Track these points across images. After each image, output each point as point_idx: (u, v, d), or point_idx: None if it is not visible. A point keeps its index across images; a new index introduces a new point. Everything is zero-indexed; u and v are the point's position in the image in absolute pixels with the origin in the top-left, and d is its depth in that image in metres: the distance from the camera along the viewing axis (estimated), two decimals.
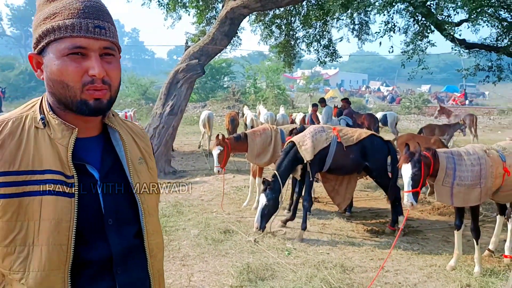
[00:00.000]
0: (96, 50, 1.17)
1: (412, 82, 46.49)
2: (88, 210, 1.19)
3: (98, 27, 1.17)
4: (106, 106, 1.21)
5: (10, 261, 1.12)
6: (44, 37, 1.17)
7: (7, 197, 1.10)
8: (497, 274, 4.52)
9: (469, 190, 4.31)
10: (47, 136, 1.18)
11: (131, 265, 1.27)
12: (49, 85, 1.20)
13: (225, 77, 34.88)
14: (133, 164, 1.31)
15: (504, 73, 11.55)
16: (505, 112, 27.55)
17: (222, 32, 11.22)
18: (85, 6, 1.17)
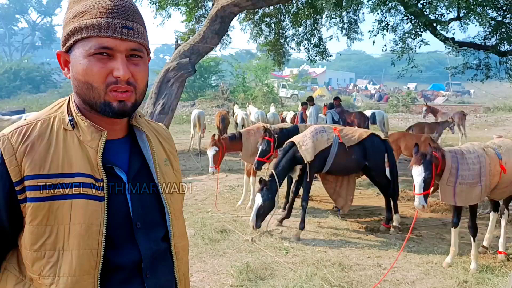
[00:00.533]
0: (122, 51, 1.14)
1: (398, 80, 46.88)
2: (117, 213, 1.17)
3: (126, 28, 1.13)
4: (130, 109, 1.18)
5: (39, 266, 1.10)
6: (72, 35, 1.14)
7: (37, 201, 1.08)
8: (492, 270, 4.58)
9: (470, 189, 4.34)
10: (76, 138, 1.16)
11: (159, 268, 1.25)
12: (75, 85, 1.17)
13: (213, 76, 34.78)
14: (159, 166, 1.29)
15: (492, 71, 11.72)
16: (491, 110, 27.92)
17: (212, 31, 11.18)
18: (114, 5, 1.13)
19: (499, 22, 9.76)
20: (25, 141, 1.11)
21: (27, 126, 1.14)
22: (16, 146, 1.10)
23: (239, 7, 11.21)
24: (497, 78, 12.12)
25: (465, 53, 11.09)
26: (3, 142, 1.10)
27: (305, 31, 14.21)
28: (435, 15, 8.16)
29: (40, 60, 48.59)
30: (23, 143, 1.10)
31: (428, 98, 41.12)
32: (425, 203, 4.37)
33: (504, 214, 5.24)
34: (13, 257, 1.17)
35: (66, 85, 36.36)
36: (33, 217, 1.08)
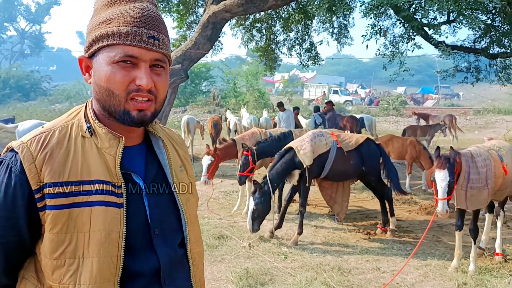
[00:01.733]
0: (147, 60, 1.14)
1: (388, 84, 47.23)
2: (135, 220, 1.16)
3: (152, 38, 1.14)
4: (149, 119, 1.18)
5: (59, 274, 1.09)
6: (97, 41, 1.14)
7: (57, 209, 1.07)
8: (491, 271, 4.61)
9: (480, 192, 4.34)
10: (94, 146, 1.16)
11: (177, 275, 1.25)
12: (96, 91, 1.17)
13: (204, 82, 34.75)
14: (175, 172, 1.30)
15: (482, 74, 11.88)
16: (480, 112, 28.22)
17: (204, 37, 11.18)
18: (142, 15, 1.14)
19: (489, 26, 9.88)
20: (44, 149, 1.10)
21: (46, 134, 1.14)
22: (35, 154, 1.09)
23: (231, 13, 11.23)
24: (487, 80, 12.28)
25: (455, 57, 11.21)
26: (22, 150, 1.10)
27: (296, 36, 14.28)
28: (427, 19, 8.24)
29: (29, 68, 48.23)
30: (42, 151, 1.10)
31: (418, 101, 41.49)
32: (448, 208, 4.27)
33: (500, 215, 5.28)
34: (31, 265, 1.16)
35: (56, 93, 36.08)
36: (53, 225, 1.08)
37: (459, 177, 4.32)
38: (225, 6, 10.99)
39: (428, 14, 7.37)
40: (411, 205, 7.74)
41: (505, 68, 11.45)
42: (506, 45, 10.35)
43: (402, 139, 9.14)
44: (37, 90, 40.53)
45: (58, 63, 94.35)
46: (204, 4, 13.37)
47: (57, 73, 67.83)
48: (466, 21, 6.50)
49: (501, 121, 23.62)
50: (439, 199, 4.27)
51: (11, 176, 1.08)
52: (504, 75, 11.54)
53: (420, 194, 8.50)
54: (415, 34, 8.44)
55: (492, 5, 6.94)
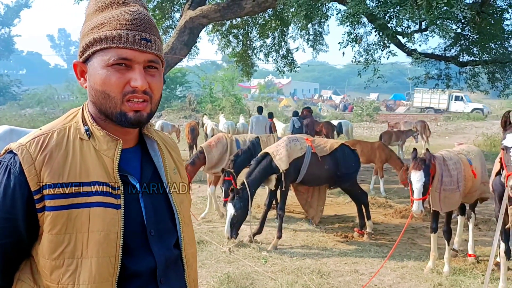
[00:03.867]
0: (140, 62, 1.17)
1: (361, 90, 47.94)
2: (132, 221, 1.19)
3: (145, 40, 1.17)
4: (145, 119, 1.20)
5: (58, 274, 1.10)
6: (91, 46, 1.16)
7: (56, 210, 1.09)
8: (464, 272, 4.76)
9: (452, 194, 4.49)
10: (92, 148, 1.18)
11: (172, 275, 1.28)
12: (91, 94, 1.19)
13: (180, 87, 34.59)
14: (170, 175, 1.33)
15: (452, 81, 12.24)
16: (450, 118, 28.99)
17: (181, 42, 11.18)
18: (134, 18, 1.17)
19: (459, 35, 10.22)
20: (43, 151, 1.12)
21: (44, 136, 1.15)
22: (34, 156, 1.11)
23: (208, 18, 11.27)
24: (457, 87, 12.67)
25: (427, 64, 11.51)
26: (21, 151, 1.11)
27: (273, 43, 14.43)
28: (401, 27, 8.47)
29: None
30: (42, 153, 1.11)
31: (391, 107, 42.26)
32: (423, 208, 4.38)
33: (471, 217, 5.46)
34: (27, 267, 1.17)
35: (26, 97, 35.28)
36: (52, 225, 1.09)
37: (433, 179, 4.46)
38: (202, 11, 11.03)
39: (402, 22, 7.59)
40: (386, 208, 7.89)
41: (474, 76, 11.83)
42: (475, 53, 10.72)
43: (370, 143, 9.33)
44: (6, 94, 39.60)
45: (28, 67, 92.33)
46: (181, 9, 13.38)
47: (27, 77, 66.39)
48: (438, 30, 6.72)
49: (470, 127, 24.34)
50: (414, 199, 4.38)
51: (10, 178, 1.09)
52: (473, 82, 11.92)
53: (395, 198, 8.68)
54: (390, 42, 8.66)
55: (462, 15, 7.18)
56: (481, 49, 10.39)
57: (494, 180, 4.28)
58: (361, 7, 6.72)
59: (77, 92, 32.77)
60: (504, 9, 10.10)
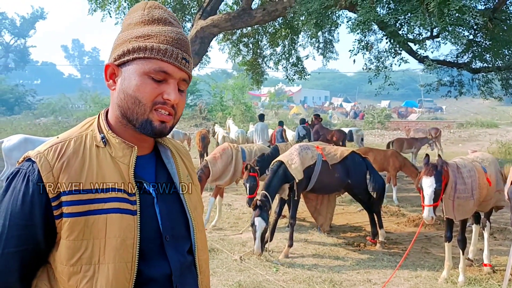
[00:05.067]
0: (176, 78, 1.22)
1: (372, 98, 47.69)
2: (148, 227, 1.20)
3: (184, 59, 1.23)
4: (168, 131, 1.25)
5: (76, 280, 1.11)
6: (133, 52, 1.20)
7: (74, 216, 1.11)
8: (480, 282, 4.68)
9: (466, 202, 4.43)
10: (108, 155, 1.20)
11: (186, 281, 1.29)
12: (120, 98, 1.22)
13: (191, 95, 34.79)
14: (183, 181, 1.35)
15: (465, 88, 12.11)
16: (463, 126, 28.70)
17: (192, 51, 11.02)
18: (178, 38, 1.23)
19: (471, 41, 10.13)
20: (61, 158, 1.14)
21: (62, 144, 1.18)
22: (52, 163, 1.13)
23: (219, 28, 11.33)
24: (470, 94, 12.53)
25: (439, 71, 11.42)
26: (40, 159, 1.13)
27: (283, 51, 14.46)
28: (412, 34, 8.43)
29: (13, 81, 47.88)
30: (60, 160, 1.14)
31: (402, 115, 42.02)
32: (434, 215, 4.34)
33: (486, 226, 5.37)
34: (44, 274, 1.18)
35: (40, 107, 35.74)
36: (70, 232, 1.10)
37: (446, 186, 4.40)
38: (213, 21, 11.10)
39: (413, 29, 7.55)
40: (399, 217, 7.81)
41: (487, 82, 11.70)
42: (488, 60, 10.61)
43: (383, 151, 9.24)
44: (22, 104, 40.21)
45: (43, 77, 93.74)
46: (192, 19, 13.48)
47: (42, 87, 67.34)
48: (450, 37, 6.67)
49: (484, 134, 24.06)
50: (425, 206, 4.34)
51: (29, 185, 1.11)
52: (486, 89, 11.79)
53: (407, 206, 8.59)
54: (401, 49, 8.61)
55: (474, 22, 7.13)
56: (494, 55, 10.28)
57: (509, 188, 4.21)
58: (372, 15, 6.70)
59: (90, 101, 33.08)
60: None
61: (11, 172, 1.15)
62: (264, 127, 11.62)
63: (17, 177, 1.13)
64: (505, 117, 33.14)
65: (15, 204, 1.10)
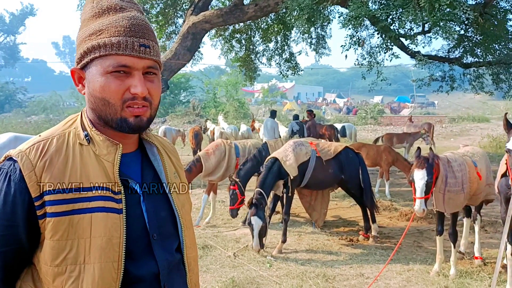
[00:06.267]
0: (140, 69, 1.17)
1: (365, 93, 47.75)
2: (134, 225, 1.18)
3: (143, 46, 1.16)
4: (145, 124, 1.21)
5: (61, 281, 1.09)
6: (89, 53, 1.16)
7: (57, 216, 1.08)
8: (471, 275, 4.72)
9: (456, 196, 4.46)
10: (92, 153, 1.17)
11: (175, 279, 1.27)
12: (90, 101, 1.19)
13: (184, 92, 34.69)
14: (170, 178, 1.33)
15: (456, 83, 12.18)
16: (455, 120, 28.88)
17: (184, 47, 11.20)
18: (131, 24, 1.17)
19: (462, 36, 10.18)
20: (43, 157, 1.12)
21: (44, 142, 1.15)
22: (34, 162, 1.10)
23: (211, 23, 11.30)
24: (462, 89, 12.60)
25: (430, 66, 11.47)
26: (21, 158, 1.10)
27: (276, 47, 14.45)
28: (404, 29, 8.45)
29: (3, 79, 47.45)
30: (42, 159, 1.11)
31: (395, 110, 42.18)
32: (426, 207, 4.36)
33: (477, 219, 5.42)
34: (28, 275, 1.16)
35: (31, 105, 35.54)
36: (53, 232, 1.08)
37: (437, 180, 4.43)
38: (204, 17, 11.06)
39: (404, 25, 7.57)
40: (391, 211, 7.85)
41: (478, 77, 11.77)
42: (479, 54, 10.68)
43: (375, 147, 9.27)
44: (12, 102, 39.87)
45: (33, 75, 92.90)
46: (184, 15, 13.43)
47: (32, 85, 66.81)
48: (441, 32, 6.70)
49: (475, 129, 24.23)
50: (417, 198, 4.36)
51: (10, 184, 1.09)
52: (477, 83, 11.86)
53: (400, 200, 8.63)
54: (392, 45, 8.64)
55: (465, 17, 7.16)
56: (485, 50, 10.35)
57: (499, 182, 4.24)
58: (364, 10, 6.71)
59: (82, 99, 32.88)
60: (507, 10, 10.06)
61: None
62: (274, 125, 11.38)
63: None
64: (496, 112, 33.34)
65: None
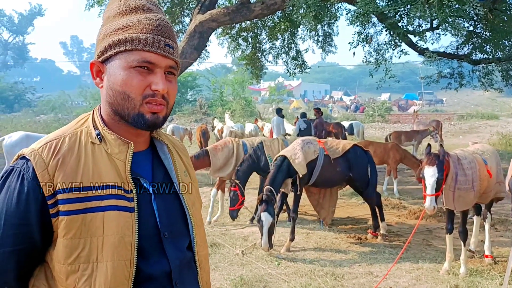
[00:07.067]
0: (162, 67, 1.19)
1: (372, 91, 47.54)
2: (146, 223, 1.19)
3: (168, 46, 1.19)
4: (161, 121, 1.22)
5: (74, 279, 1.10)
6: (114, 46, 1.17)
7: (70, 214, 1.09)
8: (481, 273, 4.68)
9: (466, 194, 4.42)
10: (104, 151, 1.18)
11: (186, 278, 1.27)
12: (109, 95, 1.19)
13: (190, 91, 34.75)
14: (181, 177, 1.32)
15: (465, 80, 12.08)
16: (464, 118, 28.68)
17: (191, 46, 11.21)
18: (158, 24, 1.19)
19: (471, 32, 10.09)
20: (56, 155, 1.12)
21: (56, 141, 1.15)
22: (47, 161, 1.11)
23: (217, 22, 11.29)
24: (470, 86, 12.49)
25: (439, 63, 11.38)
26: (34, 157, 1.11)
27: (282, 45, 14.40)
28: (412, 25, 8.38)
29: (12, 79, 47.80)
30: (55, 157, 1.12)
31: (403, 108, 41.97)
32: (436, 204, 4.34)
33: (487, 218, 5.36)
34: (41, 273, 1.17)
35: (40, 104, 35.74)
36: (67, 230, 1.09)
37: (447, 177, 4.40)
38: (211, 15, 11.06)
39: (413, 21, 7.52)
40: (400, 210, 7.81)
41: (487, 74, 11.66)
42: (488, 51, 10.57)
43: (383, 144, 9.22)
44: (21, 101, 40.18)
45: (42, 74, 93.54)
46: (190, 14, 13.43)
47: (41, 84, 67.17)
48: (450, 28, 6.65)
49: (484, 126, 24.04)
50: (427, 195, 4.33)
51: (24, 183, 1.09)
52: (486, 80, 11.76)
53: (408, 198, 8.59)
54: (401, 41, 8.58)
55: (474, 13, 7.09)
56: (494, 46, 10.23)
57: (510, 179, 4.20)
58: (371, 6, 6.66)
59: (90, 98, 33.10)
60: None
61: (5, 171, 1.13)
62: (280, 122, 11.59)
63: (11, 176, 1.11)
64: (506, 109, 33.09)
65: (10, 203, 1.08)
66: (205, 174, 10.87)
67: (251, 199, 6.72)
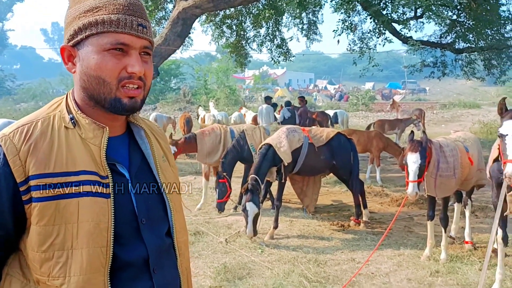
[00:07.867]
0: (137, 48, 1.15)
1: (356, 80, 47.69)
2: (123, 210, 1.16)
3: (141, 26, 1.15)
4: (139, 105, 1.19)
5: (48, 267, 1.07)
6: (85, 29, 1.12)
7: (43, 200, 1.06)
8: (461, 259, 4.75)
9: (448, 181, 4.47)
10: (78, 136, 1.14)
11: (165, 264, 1.25)
12: (83, 80, 1.15)
13: (174, 79, 34.44)
14: (158, 162, 1.29)
15: (448, 69, 12.21)
16: (446, 106, 29.02)
17: (174, 33, 11.06)
18: (129, 3, 1.15)
19: (454, 21, 10.16)
20: (28, 140, 1.08)
21: (28, 125, 1.12)
22: (19, 146, 1.07)
23: (201, 9, 11.15)
24: (453, 75, 12.63)
25: (422, 52, 11.47)
26: (5, 142, 1.07)
27: (267, 33, 14.32)
28: (396, 14, 8.40)
29: None
30: (26, 142, 1.08)
31: (386, 96, 42.25)
32: (418, 190, 4.37)
33: (468, 205, 5.45)
34: (15, 261, 1.14)
35: (20, 92, 35.15)
36: (40, 217, 1.06)
37: (429, 164, 4.44)
38: (195, 2, 10.91)
39: (397, 9, 7.53)
40: (382, 197, 7.89)
41: (470, 63, 11.80)
42: (471, 40, 10.68)
43: (366, 133, 9.28)
44: (1, 89, 39.45)
45: (22, 61, 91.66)
46: (173, 0, 13.24)
47: (21, 72, 65.98)
48: (433, 16, 6.67)
49: (466, 115, 24.36)
50: (409, 181, 4.36)
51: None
52: (469, 69, 11.90)
53: (391, 186, 8.67)
54: (385, 29, 8.60)
55: (458, 1, 7.12)
56: (477, 35, 10.34)
57: (491, 166, 4.25)
58: None
59: (71, 85, 32.43)
60: None
61: None
62: (269, 110, 11.52)
63: None
64: (487, 98, 33.57)
65: None
66: (188, 162, 10.85)
67: (235, 188, 6.70)
